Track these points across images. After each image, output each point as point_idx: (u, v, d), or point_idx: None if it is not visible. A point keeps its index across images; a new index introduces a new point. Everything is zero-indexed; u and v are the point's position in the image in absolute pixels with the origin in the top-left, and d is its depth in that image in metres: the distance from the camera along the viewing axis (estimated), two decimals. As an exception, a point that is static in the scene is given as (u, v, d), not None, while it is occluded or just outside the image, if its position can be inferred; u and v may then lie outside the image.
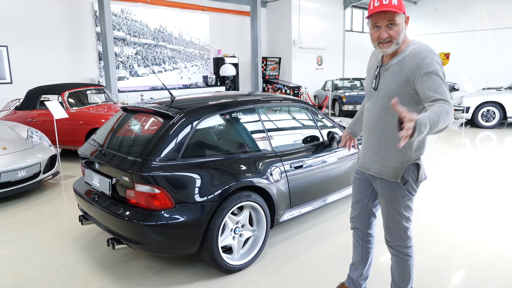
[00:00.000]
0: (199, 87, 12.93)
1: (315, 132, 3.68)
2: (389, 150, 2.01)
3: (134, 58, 11.48)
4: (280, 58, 15.15)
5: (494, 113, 9.41)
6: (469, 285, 2.73)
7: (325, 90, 13.34)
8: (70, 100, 6.77)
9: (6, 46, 8.91)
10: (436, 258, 3.10)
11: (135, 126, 3.27)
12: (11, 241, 3.59)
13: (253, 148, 3.14)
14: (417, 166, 2.02)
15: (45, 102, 5.64)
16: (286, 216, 3.28)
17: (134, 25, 11.33)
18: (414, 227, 3.63)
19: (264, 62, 14.65)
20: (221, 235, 2.82)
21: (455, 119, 10.37)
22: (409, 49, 1.92)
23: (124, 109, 3.44)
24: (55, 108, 5.50)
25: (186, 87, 12.57)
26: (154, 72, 11.83)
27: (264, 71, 14.77)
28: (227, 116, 3.20)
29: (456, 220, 3.87)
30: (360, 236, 2.38)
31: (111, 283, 2.84)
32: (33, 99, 6.97)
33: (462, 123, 10.10)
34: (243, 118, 3.30)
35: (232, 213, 2.90)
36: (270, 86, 14.74)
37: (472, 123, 9.84)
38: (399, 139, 1.94)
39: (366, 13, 18.51)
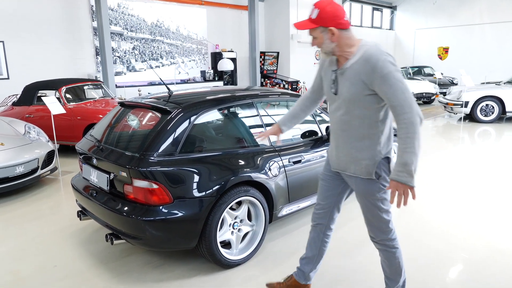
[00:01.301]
0: (197, 82, 12.87)
1: (313, 127, 3.67)
2: (359, 148, 2.06)
3: (132, 53, 11.41)
4: (278, 53, 15.09)
5: (493, 107, 9.41)
6: (468, 280, 2.74)
7: (323, 84, 13.29)
8: (68, 95, 6.74)
9: (3, 42, 8.85)
10: (435, 253, 3.11)
11: (133, 121, 3.25)
12: (9, 237, 3.59)
13: (251, 143, 3.13)
14: (388, 160, 2.08)
15: (42, 98, 5.62)
16: (285, 211, 3.28)
17: (131, 20, 11.25)
18: (413, 223, 3.66)
19: (262, 56, 14.59)
20: (219, 230, 2.82)
21: (454, 113, 10.37)
22: (360, 52, 1.95)
23: (122, 104, 3.42)
24: (53, 103, 5.48)
25: (184, 82, 12.52)
26: (151, 67, 11.78)
27: (262, 66, 14.71)
28: (225, 111, 3.19)
29: (455, 215, 3.88)
30: (323, 231, 2.40)
31: (110, 278, 2.84)
32: (30, 95, 6.94)
33: (461, 118, 10.11)
34: (241, 112, 3.29)
35: (231, 208, 2.89)
36: (268, 81, 14.69)
37: (471, 117, 9.84)
38: (367, 137, 2.03)
39: (364, 7, 18.45)
